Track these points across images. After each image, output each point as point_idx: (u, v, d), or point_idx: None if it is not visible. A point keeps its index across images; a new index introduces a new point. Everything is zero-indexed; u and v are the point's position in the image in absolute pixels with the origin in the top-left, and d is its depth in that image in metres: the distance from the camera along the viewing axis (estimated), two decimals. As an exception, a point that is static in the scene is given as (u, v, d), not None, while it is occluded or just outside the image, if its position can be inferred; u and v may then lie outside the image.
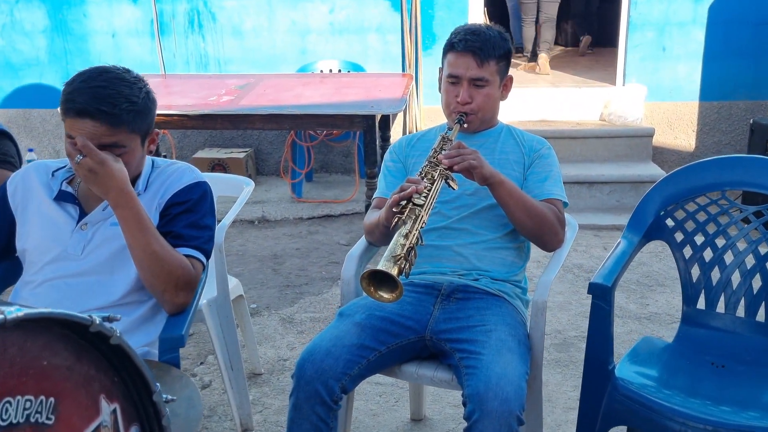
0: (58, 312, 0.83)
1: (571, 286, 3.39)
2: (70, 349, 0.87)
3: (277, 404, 2.45)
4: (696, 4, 4.77)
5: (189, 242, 1.62)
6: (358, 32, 5.10)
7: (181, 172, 1.72)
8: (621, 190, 4.49)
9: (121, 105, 1.50)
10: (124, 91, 1.51)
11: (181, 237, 1.62)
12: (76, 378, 0.86)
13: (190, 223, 1.64)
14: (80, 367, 0.87)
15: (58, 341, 0.85)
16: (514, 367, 1.56)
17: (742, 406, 1.62)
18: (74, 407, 0.85)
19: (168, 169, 1.72)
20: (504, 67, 1.91)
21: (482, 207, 1.88)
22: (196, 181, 1.70)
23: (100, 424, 0.87)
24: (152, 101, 1.61)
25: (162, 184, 1.68)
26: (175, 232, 1.62)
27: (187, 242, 1.62)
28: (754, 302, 1.89)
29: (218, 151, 5.22)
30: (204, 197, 1.70)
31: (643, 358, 1.83)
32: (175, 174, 1.70)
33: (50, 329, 0.84)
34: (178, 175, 1.70)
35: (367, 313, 1.76)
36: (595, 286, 1.71)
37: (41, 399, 0.83)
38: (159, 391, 0.94)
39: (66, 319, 0.83)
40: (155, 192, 1.67)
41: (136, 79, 1.57)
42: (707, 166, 1.95)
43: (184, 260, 1.58)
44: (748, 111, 4.88)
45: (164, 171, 1.72)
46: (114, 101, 1.49)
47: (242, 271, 3.69)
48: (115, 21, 5.24)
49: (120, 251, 1.59)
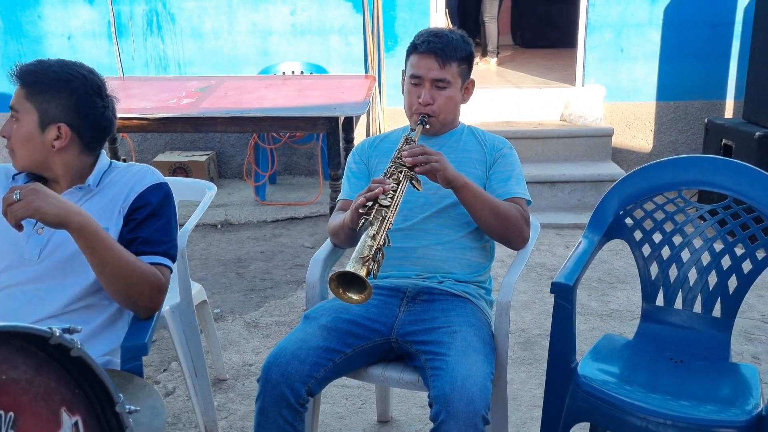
0: (16, 325, 0.81)
1: (534, 285, 3.44)
2: (30, 363, 0.85)
3: (243, 409, 2.43)
4: (652, 6, 4.87)
5: (157, 248, 1.61)
6: (320, 34, 5.09)
7: (142, 173, 1.69)
8: (582, 189, 4.56)
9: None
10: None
11: (148, 243, 1.60)
12: (36, 391, 0.84)
13: (157, 227, 1.63)
14: (40, 380, 0.85)
15: (17, 354, 0.83)
16: (479, 368, 1.57)
17: (700, 399, 1.66)
18: (34, 421, 0.83)
19: (128, 171, 1.70)
20: (466, 69, 1.93)
21: (446, 205, 1.89)
22: (158, 182, 1.68)
23: (61, 436, 0.86)
24: (70, 89, 1.59)
25: (124, 186, 1.65)
26: (142, 238, 1.60)
27: (155, 248, 1.60)
28: (710, 298, 1.94)
29: (179, 155, 5.15)
30: (167, 199, 1.68)
31: (604, 356, 1.86)
32: (137, 176, 1.68)
33: (9, 343, 0.82)
34: (139, 177, 1.68)
35: (333, 316, 1.76)
36: (558, 286, 1.74)
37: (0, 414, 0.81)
38: (122, 402, 0.92)
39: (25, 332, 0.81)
40: (117, 194, 1.64)
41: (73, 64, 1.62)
42: (664, 166, 1.99)
43: (151, 268, 1.57)
44: (703, 111, 5.00)
45: (124, 172, 1.69)
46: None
47: (205, 275, 3.64)
48: (71, 23, 5.13)
49: (77, 253, 1.56)
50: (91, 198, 1.65)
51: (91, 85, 1.63)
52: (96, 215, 1.59)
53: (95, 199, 1.64)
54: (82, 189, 1.64)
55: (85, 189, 1.65)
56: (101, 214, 1.60)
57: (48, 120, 1.58)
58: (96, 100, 1.63)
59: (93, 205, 1.63)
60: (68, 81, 1.60)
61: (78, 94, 1.60)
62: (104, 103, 1.65)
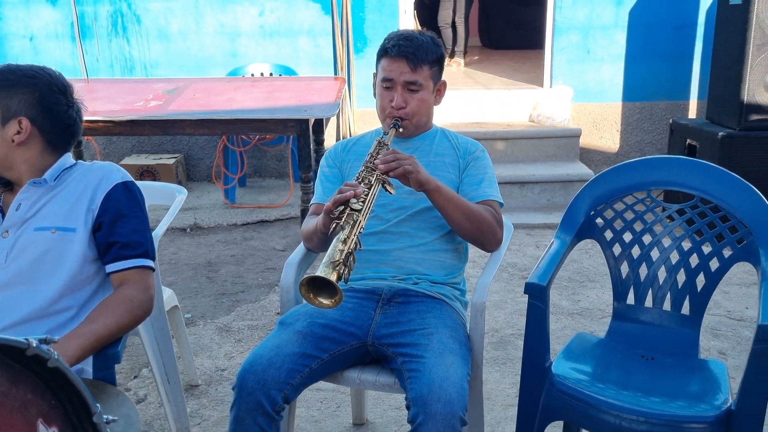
0: (-9, 336, 0.79)
1: (507, 285, 3.46)
2: (5, 375, 0.83)
3: (216, 415, 2.40)
4: (617, 8, 4.95)
5: (137, 250, 1.60)
6: (289, 35, 5.07)
7: (107, 171, 1.66)
8: (551, 190, 4.61)
9: None
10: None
11: (128, 246, 1.59)
12: (11, 403, 0.82)
13: (132, 229, 1.61)
14: (16, 392, 0.83)
15: (-7, 367, 0.81)
16: (456, 370, 1.58)
17: (671, 396, 1.68)
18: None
19: (91, 169, 1.66)
20: (437, 72, 1.94)
21: (420, 209, 1.90)
22: (123, 180, 1.65)
23: (38, 449, 0.84)
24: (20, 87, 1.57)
25: (88, 186, 1.62)
26: (121, 242, 1.58)
27: (136, 250, 1.59)
28: (679, 296, 1.98)
29: (146, 158, 5.08)
30: (136, 197, 1.66)
31: (577, 355, 1.88)
32: (101, 174, 1.65)
33: (-16, 355, 0.80)
34: (104, 175, 1.64)
35: (309, 321, 1.75)
36: (531, 286, 1.75)
37: None
38: (99, 412, 0.90)
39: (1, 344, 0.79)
40: (82, 194, 1.61)
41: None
42: (633, 167, 2.02)
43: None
44: (668, 111, 5.10)
45: (87, 171, 1.65)
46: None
47: (175, 280, 3.60)
48: (33, 23, 5.03)
49: (43, 255, 1.54)
50: (53, 198, 1.60)
51: (56, 83, 1.61)
52: (61, 216, 1.57)
53: (58, 198, 1.60)
54: (38, 184, 1.60)
55: (41, 184, 1.61)
56: (68, 216, 1.58)
57: (9, 115, 1.56)
58: (60, 97, 1.60)
59: (56, 205, 1.59)
60: (33, 77, 1.58)
61: (41, 90, 1.58)
62: (68, 102, 1.63)
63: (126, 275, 1.59)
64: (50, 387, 0.88)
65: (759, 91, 3.89)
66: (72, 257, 1.57)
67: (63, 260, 1.56)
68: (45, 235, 1.56)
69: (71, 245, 1.57)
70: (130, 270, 1.59)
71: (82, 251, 1.58)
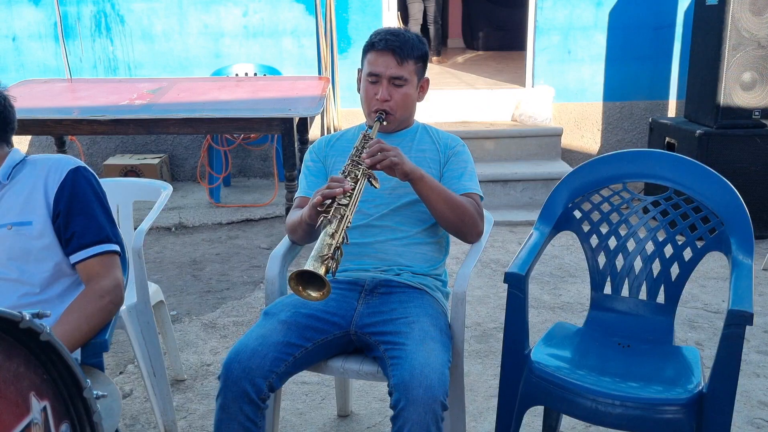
0: (-15, 308, 0.81)
1: (489, 281, 3.51)
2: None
3: (202, 409, 2.43)
4: (597, 9, 5.03)
5: (99, 236, 1.58)
6: (273, 36, 5.09)
7: (57, 160, 1.64)
8: (533, 188, 4.68)
9: None
10: None
11: (87, 233, 1.57)
12: (5, 375, 0.84)
13: (89, 215, 1.59)
14: (9, 364, 0.85)
15: (-14, 339, 0.83)
16: (437, 356, 1.62)
17: (647, 381, 1.73)
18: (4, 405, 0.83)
19: (43, 160, 1.64)
20: (421, 68, 1.98)
21: (402, 204, 1.94)
22: (74, 166, 1.62)
23: (30, 421, 0.86)
24: None
25: (39, 178, 1.60)
26: (79, 231, 1.57)
27: (98, 236, 1.58)
28: (654, 286, 2.03)
29: (131, 158, 5.08)
30: (92, 183, 1.63)
31: (556, 342, 1.93)
32: (51, 165, 1.62)
33: (-23, 326, 0.82)
34: (53, 166, 1.62)
35: (293, 311, 1.78)
36: (511, 275, 1.80)
37: None
38: (89, 387, 0.93)
39: (-6, 315, 0.81)
40: (34, 187, 1.59)
41: None
42: (610, 160, 2.08)
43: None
44: (648, 110, 5.19)
45: (39, 164, 1.63)
46: None
47: (160, 278, 3.61)
48: (15, 23, 5.02)
49: (6, 252, 1.53)
50: (5, 194, 1.59)
51: None
52: (15, 211, 1.56)
53: (10, 194, 1.59)
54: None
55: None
56: (23, 209, 1.57)
57: None
58: None
59: (9, 200, 1.58)
60: None
61: None
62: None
63: (90, 265, 1.58)
64: (42, 361, 0.90)
65: (735, 90, 3.98)
66: (37, 250, 1.56)
67: (29, 254, 1.55)
68: (2, 232, 1.55)
69: (31, 239, 1.56)
70: (94, 258, 1.58)
71: (46, 243, 1.57)
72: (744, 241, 1.83)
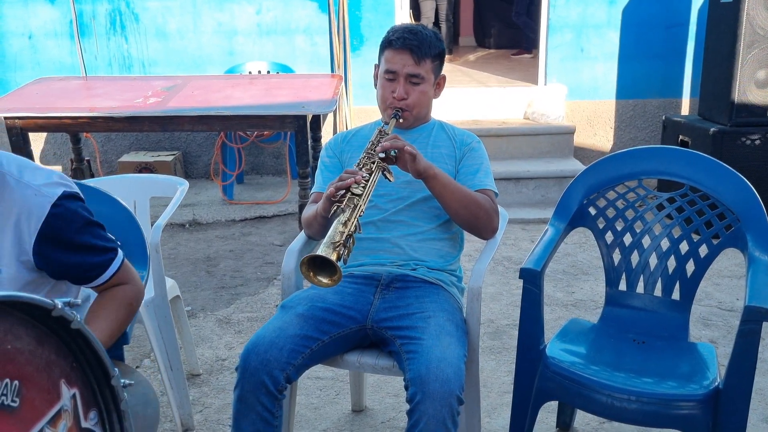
0: (21, 295, 0.83)
1: (502, 278, 3.52)
2: (32, 334, 0.87)
3: (218, 403, 2.45)
4: (610, 7, 5.01)
5: (107, 255, 1.45)
6: (286, 34, 5.11)
7: (28, 200, 1.34)
8: (545, 186, 4.67)
9: None
10: None
11: (96, 255, 1.43)
12: (38, 362, 0.86)
13: (89, 245, 1.41)
14: (41, 351, 0.87)
15: (20, 326, 0.85)
16: (453, 350, 1.63)
17: (662, 376, 1.74)
18: (37, 391, 0.85)
19: (16, 202, 1.33)
20: (438, 66, 1.99)
21: (417, 199, 1.95)
22: (52, 201, 1.35)
23: (61, 408, 0.88)
24: None
25: (9, 222, 1.33)
26: (89, 262, 1.41)
27: (106, 256, 1.44)
28: (669, 282, 2.04)
29: (145, 155, 5.12)
30: (74, 213, 1.38)
31: (571, 338, 1.94)
32: (26, 210, 1.34)
33: (11, 314, 0.84)
34: (28, 211, 1.34)
35: (310, 305, 1.80)
36: (526, 271, 1.80)
37: (6, 381, 0.83)
38: (117, 375, 0.95)
39: (29, 302, 0.83)
40: (11, 214, 1.33)
41: None
42: (625, 157, 2.08)
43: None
44: (661, 108, 5.17)
45: (9, 202, 1.33)
46: None
47: (175, 274, 3.64)
48: (32, 22, 5.06)
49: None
50: None
51: None
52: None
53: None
54: None
55: None
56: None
57: None
58: None
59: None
60: None
61: None
62: None
63: (110, 283, 1.47)
64: (71, 349, 0.92)
65: (749, 88, 3.96)
66: (15, 288, 1.32)
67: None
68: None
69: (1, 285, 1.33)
70: (114, 276, 1.46)
71: (23, 284, 1.37)
72: (760, 238, 1.83)
